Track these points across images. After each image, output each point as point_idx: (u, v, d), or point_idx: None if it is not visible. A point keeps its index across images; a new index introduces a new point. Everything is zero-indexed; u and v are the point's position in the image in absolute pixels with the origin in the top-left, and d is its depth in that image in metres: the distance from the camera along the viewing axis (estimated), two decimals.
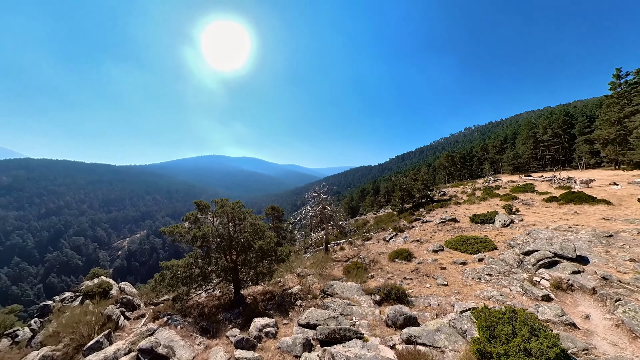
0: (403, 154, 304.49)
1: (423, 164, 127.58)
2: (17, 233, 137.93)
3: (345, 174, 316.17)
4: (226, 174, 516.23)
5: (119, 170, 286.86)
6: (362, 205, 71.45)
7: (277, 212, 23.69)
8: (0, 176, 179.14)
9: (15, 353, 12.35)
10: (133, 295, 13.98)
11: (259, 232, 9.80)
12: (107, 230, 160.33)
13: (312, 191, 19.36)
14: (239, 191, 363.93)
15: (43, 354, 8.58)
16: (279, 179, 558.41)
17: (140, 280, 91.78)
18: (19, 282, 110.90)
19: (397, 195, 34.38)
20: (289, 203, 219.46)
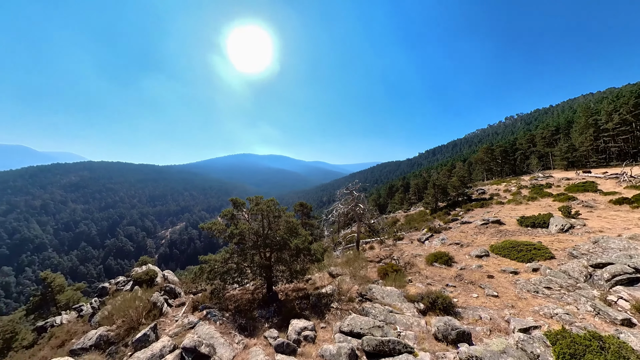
0: (434, 148, 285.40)
1: (457, 158, 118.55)
2: (84, 222, 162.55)
3: (372, 169, 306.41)
4: (255, 172, 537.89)
5: (162, 169, 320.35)
6: (390, 202, 68.93)
7: (305, 208, 23.63)
8: (71, 176, 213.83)
9: (80, 325, 14.00)
10: (175, 284, 14.92)
11: (294, 230, 9.62)
12: (153, 221, 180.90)
13: (343, 188, 18.84)
14: (266, 188, 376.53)
15: (100, 333, 9.47)
16: (305, 176, 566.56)
17: (179, 267, 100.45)
18: (85, 263, 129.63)
19: (430, 192, 32.33)
20: (315, 199, 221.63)
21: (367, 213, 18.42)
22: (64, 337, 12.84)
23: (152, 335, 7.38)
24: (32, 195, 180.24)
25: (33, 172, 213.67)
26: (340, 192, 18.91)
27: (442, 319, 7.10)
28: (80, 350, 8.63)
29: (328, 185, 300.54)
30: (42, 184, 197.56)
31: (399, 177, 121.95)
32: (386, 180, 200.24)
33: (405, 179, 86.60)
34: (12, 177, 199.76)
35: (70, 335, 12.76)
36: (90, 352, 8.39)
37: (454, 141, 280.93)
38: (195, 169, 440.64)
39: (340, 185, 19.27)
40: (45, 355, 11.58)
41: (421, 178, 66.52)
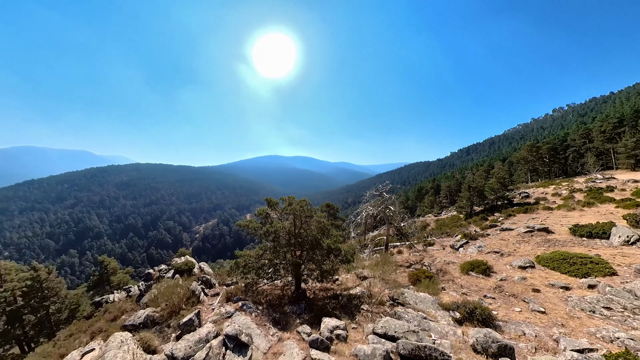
0: (468, 147, 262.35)
1: (495, 158, 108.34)
2: (132, 216, 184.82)
3: (400, 170, 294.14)
4: (281, 172, 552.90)
5: (197, 170, 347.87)
6: (419, 205, 65.49)
7: (332, 209, 23.71)
8: (122, 176, 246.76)
9: (129, 304, 15.76)
10: (210, 275, 16.01)
11: (325, 231, 9.76)
12: (189, 217, 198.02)
13: (373, 189, 18.56)
14: (293, 188, 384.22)
15: (147, 313, 10.55)
16: (330, 177, 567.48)
17: (210, 259, 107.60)
18: (132, 251, 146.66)
19: (465, 195, 30.23)
20: (340, 200, 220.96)
21: (396, 216, 17.92)
22: (116, 312, 14.59)
23: (196, 320, 8.06)
24: (93, 192, 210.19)
25: (93, 172, 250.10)
26: (369, 194, 18.64)
27: (482, 331, 6.70)
28: (131, 326, 9.68)
29: (353, 186, 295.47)
30: (100, 182, 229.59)
31: (429, 178, 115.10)
32: (414, 181, 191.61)
33: (436, 180, 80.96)
34: (78, 177, 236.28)
35: (121, 312, 14.46)
36: (139, 329, 9.39)
37: (491, 138, 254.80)
38: (226, 169, 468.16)
39: (366, 187, 18.96)
40: (100, 327, 13.28)
41: (454, 180, 62.36)
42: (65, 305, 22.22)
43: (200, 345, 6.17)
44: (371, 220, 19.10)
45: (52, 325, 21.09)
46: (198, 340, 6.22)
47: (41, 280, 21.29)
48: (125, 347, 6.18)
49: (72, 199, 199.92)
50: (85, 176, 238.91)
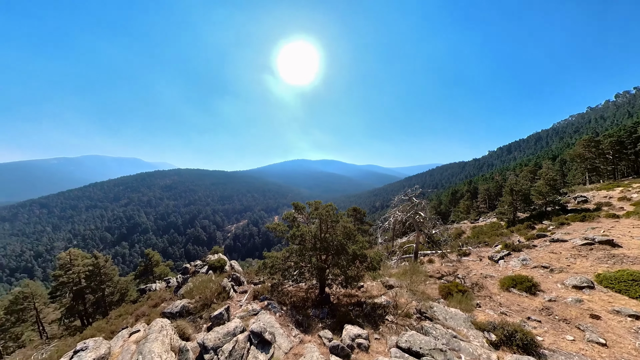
0: (509, 145, 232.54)
1: (543, 155, 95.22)
2: (173, 215, 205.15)
3: (431, 172, 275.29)
4: (308, 176, 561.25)
5: (230, 174, 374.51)
6: (453, 210, 60.62)
7: (358, 213, 23.26)
8: (166, 180, 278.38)
9: (168, 294, 17.24)
10: (239, 273, 16.81)
11: (351, 236, 9.65)
12: (222, 217, 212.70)
13: (401, 193, 17.81)
14: (319, 191, 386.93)
15: (183, 304, 11.48)
16: (357, 180, 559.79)
17: (240, 258, 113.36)
18: (172, 245, 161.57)
19: (507, 200, 27.16)
20: (367, 204, 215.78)
21: (427, 222, 16.93)
22: (157, 300, 16.07)
23: (225, 315, 8.54)
24: (142, 193, 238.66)
25: (142, 177, 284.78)
26: (397, 198, 17.90)
27: (522, 359, 5.99)
28: (169, 314, 10.68)
29: (381, 189, 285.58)
30: (148, 185, 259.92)
31: (464, 180, 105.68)
32: (448, 184, 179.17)
33: (472, 183, 73.67)
34: (130, 180, 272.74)
35: (161, 300, 15.90)
36: (176, 317, 10.31)
37: (537, 134, 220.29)
38: (256, 173, 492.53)
39: (395, 190, 18.16)
40: (144, 311, 14.76)
41: (493, 182, 56.52)
42: (116, 289, 25.21)
43: (228, 338, 6.54)
44: (400, 226, 18.31)
45: (106, 305, 24.07)
46: (226, 333, 6.59)
47: (100, 266, 24.48)
48: (165, 332, 6.86)
49: (125, 199, 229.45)
50: (136, 180, 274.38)
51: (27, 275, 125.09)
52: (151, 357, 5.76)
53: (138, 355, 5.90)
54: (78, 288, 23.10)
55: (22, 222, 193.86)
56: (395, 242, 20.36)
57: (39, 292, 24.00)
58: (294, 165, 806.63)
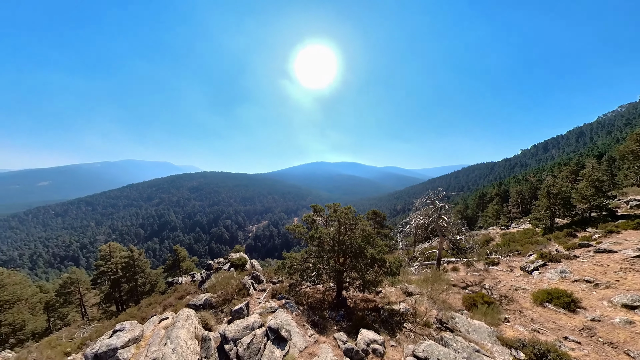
0: (545, 142, 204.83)
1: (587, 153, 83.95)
2: (199, 214, 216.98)
3: (456, 174, 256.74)
4: (327, 178, 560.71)
5: (251, 177, 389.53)
6: (481, 215, 56.56)
7: (378, 217, 22.75)
8: (193, 182, 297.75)
9: (193, 287, 18.22)
10: (259, 272, 17.29)
11: (370, 239, 9.54)
12: (243, 218, 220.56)
13: (423, 196, 17.14)
14: (338, 194, 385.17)
15: (207, 297, 12.13)
16: (377, 182, 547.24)
17: (260, 257, 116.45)
18: (197, 243, 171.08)
19: (543, 204, 24.48)
20: (388, 207, 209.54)
21: (451, 227, 16.11)
22: (183, 292, 17.08)
23: (245, 310, 8.88)
24: (171, 194, 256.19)
25: (172, 179, 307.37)
26: (419, 201, 17.22)
27: None
28: (193, 305, 11.44)
29: (402, 192, 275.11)
30: (177, 187, 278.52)
31: (493, 182, 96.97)
32: (475, 186, 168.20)
33: (503, 185, 67.31)
34: (161, 182, 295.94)
35: (186, 292, 16.89)
36: (199, 309, 11.00)
37: (579, 128, 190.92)
38: (277, 176, 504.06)
39: (417, 193, 17.42)
40: (171, 302, 15.78)
41: (527, 184, 51.56)
42: (148, 281, 27.21)
43: (247, 331, 6.84)
44: (422, 231, 17.63)
45: (138, 294, 26.05)
46: (245, 327, 6.88)
47: (134, 259, 26.57)
48: (190, 321, 7.40)
49: (157, 199, 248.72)
50: (167, 182, 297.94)
51: (74, 263, 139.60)
52: (178, 342, 6.23)
53: (167, 339, 6.38)
54: (115, 277, 25.34)
55: (71, 217, 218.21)
56: (416, 247, 19.57)
57: (83, 278, 26.77)
58: (313, 168, 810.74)
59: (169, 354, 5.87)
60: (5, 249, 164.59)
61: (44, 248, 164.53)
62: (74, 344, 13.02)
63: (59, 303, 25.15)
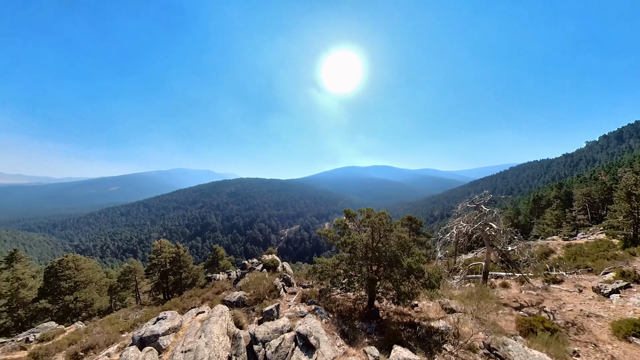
0: (619, 130, 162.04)
1: None
2: (236, 217, 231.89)
3: (503, 175, 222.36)
4: (358, 183, 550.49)
5: (284, 182, 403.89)
6: (537, 223, 48.79)
7: (414, 222, 21.26)
8: (231, 187, 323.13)
9: (228, 284, 19.13)
10: (290, 275, 17.44)
11: (406, 248, 8.84)
12: (276, 221, 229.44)
13: (466, 200, 15.49)
14: (370, 198, 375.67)
15: (240, 295, 12.56)
16: (411, 186, 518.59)
17: (291, 260, 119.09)
18: (234, 243, 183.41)
19: (622, 208, 19.89)
20: (424, 212, 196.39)
21: (501, 236, 14.22)
22: (219, 288, 18.06)
23: (275, 312, 8.92)
24: (212, 199, 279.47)
25: (213, 185, 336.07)
26: (461, 206, 15.57)
27: None
28: (228, 302, 12.05)
29: (440, 196, 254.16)
30: (217, 192, 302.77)
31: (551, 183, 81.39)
32: (527, 188, 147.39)
33: (563, 186, 56.28)
34: (204, 188, 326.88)
35: (222, 289, 17.83)
36: (233, 306, 11.52)
37: None
38: (308, 181, 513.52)
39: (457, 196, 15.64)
40: (208, 296, 16.80)
41: (597, 184, 43.13)
42: (190, 275, 29.65)
43: (275, 334, 6.82)
44: (464, 240, 15.91)
45: (182, 286, 28.52)
46: (275, 329, 6.87)
47: (180, 255, 29.17)
48: (223, 317, 7.71)
49: (200, 202, 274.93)
50: (209, 187, 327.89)
51: (132, 255, 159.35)
52: (211, 336, 6.50)
53: (201, 332, 6.70)
54: (164, 270, 28.18)
55: (132, 217, 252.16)
56: (458, 258, 17.71)
57: (139, 268, 30.38)
58: (343, 173, 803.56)
59: (202, 347, 6.11)
60: (84, 240, 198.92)
61: (112, 241, 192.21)
62: (127, 324, 14.62)
63: (119, 287, 29.23)
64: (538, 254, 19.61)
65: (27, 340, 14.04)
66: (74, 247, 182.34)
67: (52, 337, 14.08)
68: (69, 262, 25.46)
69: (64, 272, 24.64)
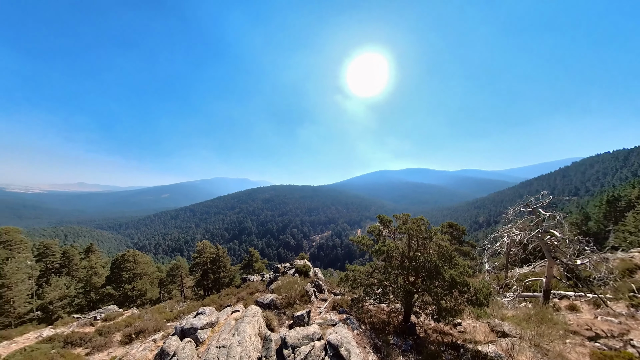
0: None
1: None
2: (270, 222, 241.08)
3: (563, 172, 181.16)
4: (391, 187, 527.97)
5: (315, 189, 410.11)
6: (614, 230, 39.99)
7: (455, 230, 19.35)
8: (265, 194, 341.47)
9: (261, 286, 19.60)
10: (322, 281, 17.23)
11: (448, 258, 7.98)
12: (308, 227, 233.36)
13: (520, 204, 13.50)
14: (405, 204, 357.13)
15: (272, 298, 12.72)
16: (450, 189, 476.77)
17: (323, 267, 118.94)
18: (268, 247, 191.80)
19: None
20: (467, 219, 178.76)
21: (566, 247, 12.06)
22: (253, 289, 18.67)
23: (306, 317, 8.80)
24: (248, 205, 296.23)
25: (249, 192, 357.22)
26: (513, 210, 13.57)
27: None
28: (260, 303, 12.38)
29: (485, 200, 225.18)
30: (252, 198, 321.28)
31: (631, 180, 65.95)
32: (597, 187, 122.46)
33: None
34: (241, 195, 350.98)
35: (256, 290, 18.41)
36: (265, 307, 11.81)
37: None
38: (339, 187, 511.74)
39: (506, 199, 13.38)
40: (243, 296, 17.49)
41: None
42: (227, 274, 31.60)
43: (306, 341, 6.68)
44: (518, 250, 13.86)
45: (220, 285, 30.45)
46: (305, 336, 6.73)
47: (219, 255, 31.22)
48: (256, 318, 7.87)
49: (238, 208, 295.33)
50: (245, 194, 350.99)
51: (179, 254, 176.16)
52: (244, 335, 6.68)
53: (235, 330, 6.90)
54: (205, 268, 30.48)
55: (180, 220, 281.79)
56: (510, 272, 15.52)
57: (184, 266, 33.60)
58: (375, 177, 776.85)
59: (235, 345, 6.24)
60: (142, 239, 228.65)
61: (163, 240, 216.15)
62: (172, 314, 16.04)
63: (168, 281, 32.87)
64: (618, 270, 16.11)
65: (95, 318, 16.46)
66: (134, 244, 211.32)
67: (113, 318, 16.23)
68: (129, 256, 29.30)
69: (125, 265, 28.53)
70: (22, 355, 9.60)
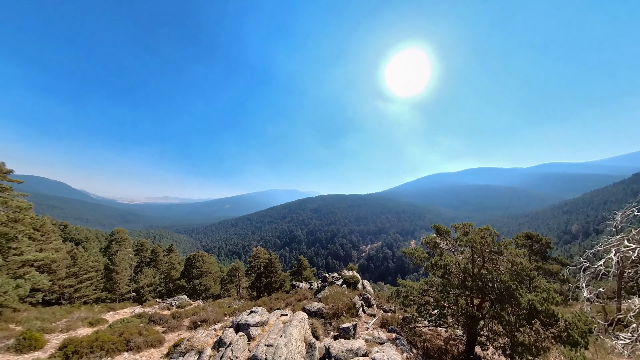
0: None
1: None
2: (319, 231, 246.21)
3: None
4: (448, 192, 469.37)
5: (364, 197, 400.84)
6: None
7: (536, 242, 15.63)
8: (314, 204, 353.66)
9: (309, 294, 19.78)
10: (370, 295, 16.39)
11: (525, 278, 6.52)
12: (357, 237, 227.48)
13: (632, 205, 10.28)
14: (466, 211, 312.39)
15: (319, 307, 12.67)
16: (526, 190, 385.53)
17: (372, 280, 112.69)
18: (316, 256, 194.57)
19: None
20: (552, 228, 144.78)
21: None
22: (301, 296, 19.02)
23: (352, 331, 8.45)
24: (298, 214, 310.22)
25: (299, 202, 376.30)
26: (620, 216, 10.33)
27: None
28: (307, 310, 12.57)
29: (579, 201, 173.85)
30: (302, 208, 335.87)
31: None
32: None
33: None
34: (291, 205, 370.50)
35: (304, 297, 18.72)
36: (312, 315, 11.92)
37: None
38: (389, 194, 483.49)
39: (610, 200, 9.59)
40: (291, 302, 18.04)
41: None
42: (278, 280, 33.28)
43: (350, 354, 6.44)
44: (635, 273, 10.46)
45: (271, 289, 32.17)
46: (349, 349, 6.47)
47: (272, 261, 33.21)
48: (303, 324, 7.99)
49: (288, 218, 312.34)
50: (295, 205, 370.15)
51: (237, 257, 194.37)
52: (290, 338, 6.86)
53: (283, 332, 7.14)
54: (259, 272, 32.89)
55: (239, 228, 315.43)
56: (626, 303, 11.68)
57: (241, 268, 37.10)
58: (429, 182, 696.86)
59: (282, 346, 6.41)
60: (208, 242, 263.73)
61: (225, 245, 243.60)
62: (229, 310, 17.83)
63: (227, 280, 37.03)
64: None
65: (171, 304, 20.31)
66: (202, 246, 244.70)
67: (184, 306, 19.68)
68: (199, 256, 34.38)
69: (195, 263, 33.77)
70: (122, 324, 12.82)
